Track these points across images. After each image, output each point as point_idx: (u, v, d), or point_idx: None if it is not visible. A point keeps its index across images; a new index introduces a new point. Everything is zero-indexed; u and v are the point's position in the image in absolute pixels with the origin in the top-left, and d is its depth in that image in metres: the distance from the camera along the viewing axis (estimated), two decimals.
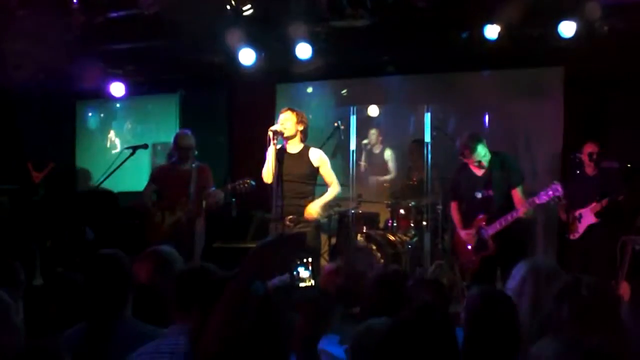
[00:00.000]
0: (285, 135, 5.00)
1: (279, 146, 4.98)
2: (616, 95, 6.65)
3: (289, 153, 5.06)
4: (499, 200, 4.97)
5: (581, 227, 5.55)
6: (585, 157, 5.69)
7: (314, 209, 4.99)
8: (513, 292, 2.41)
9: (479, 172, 5.08)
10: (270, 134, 4.91)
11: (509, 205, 4.92)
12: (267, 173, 5.00)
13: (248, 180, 5.36)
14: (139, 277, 2.79)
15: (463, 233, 5.15)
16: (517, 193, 4.95)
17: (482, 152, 4.98)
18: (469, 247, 5.12)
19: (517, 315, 2.14)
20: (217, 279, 2.24)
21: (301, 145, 5.11)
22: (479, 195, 5.03)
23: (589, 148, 5.73)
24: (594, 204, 5.52)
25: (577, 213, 5.61)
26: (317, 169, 5.10)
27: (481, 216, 5.02)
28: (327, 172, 5.13)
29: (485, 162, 5.00)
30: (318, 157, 5.11)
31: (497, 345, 2.05)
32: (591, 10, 5.73)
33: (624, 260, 5.25)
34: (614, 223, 5.45)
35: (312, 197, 5.12)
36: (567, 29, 6.02)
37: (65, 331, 2.40)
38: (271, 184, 4.98)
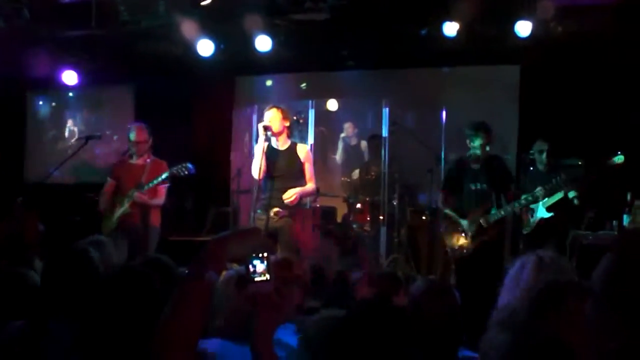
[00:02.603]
0: (274, 131, 5.03)
1: (266, 144, 4.99)
2: (570, 94, 6.83)
3: (278, 149, 5.12)
4: (495, 194, 5.35)
5: (534, 222, 5.67)
6: (537, 154, 5.81)
7: (293, 192, 5.01)
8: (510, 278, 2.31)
9: (476, 166, 5.33)
10: (261, 129, 4.96)
11: (501, 200, 5.36)
12: (257, 169, 4.99)
13: (185, 165, 5.30)
14: None
15: (463, 222, 5.34)
16: (512, 188, 5.45)
17: (477, 144, 5.24)
18: (467, 233, 5.33)
19: (458, 306, 2.18)
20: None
21: (289, 142, 5.19)
22: (473, 187, 5.32)
23: (541, 145, 5.86)
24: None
25: (530, 208, 5.72)
26: (303, 164, 5.17)
27: (482, 206, 5.29)
28: (309, 168, 5.21)
29: (476, 155, 5.26)
30: (305, 153, 5.23)
31: (439, 335, 2.09)
32: (544, 10, 5.86)
33: (573, 255, 5.41)
34: (565, 218, 5.59)
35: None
36: (523, 28, 6.14)
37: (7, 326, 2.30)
38: (259, 179, 5.01)
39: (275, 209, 5.01)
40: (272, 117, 5.05)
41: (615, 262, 1.21)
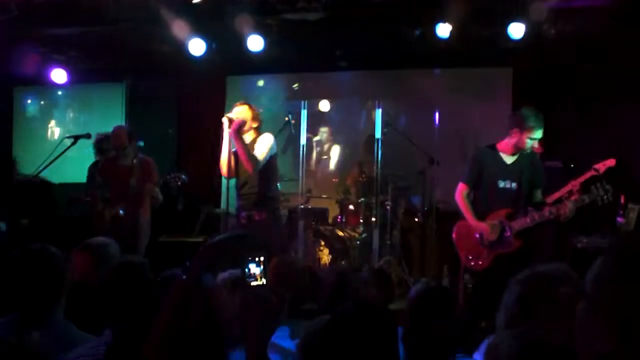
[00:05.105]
0: (244, 128, 4.72)
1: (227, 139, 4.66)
2: (562, 97, 6.83)
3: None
4: (523, 195, 4.55)
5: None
6: None
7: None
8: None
9: (509, 160, 4.57)
10: (225, 121, 4.60)
11: (529, 203, 4.58)
12: (230, 167, 4.69)
13: (181, 176, 5.29)
14: (75, 270, 2.66)
15: (482, 225, 4.48)
16: (539, 193, 4.64)
17: (539, 136, 4.44)
18: (484, 241, 4.51)
19: (455, 309, 2.16)
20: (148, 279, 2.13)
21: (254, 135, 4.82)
22: (502, 184, 4.52)
23: (533, 148, 5.82)
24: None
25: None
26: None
27: (504, 209, 4.50)
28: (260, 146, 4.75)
29: (535, 146, 4.50)
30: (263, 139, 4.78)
31: (436, 338, 2.06)
32: (537, 13, 5.85)
33: (566, 257, 5.39)
34: (558, 220, 5.57)
35: (267, 189, 4.82)
36: (516, 30, 6.13)
37: None
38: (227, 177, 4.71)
39: (245, 213, 4.71)
40: (241, 113, 4.71)
41: (609, 264, 1.19)
